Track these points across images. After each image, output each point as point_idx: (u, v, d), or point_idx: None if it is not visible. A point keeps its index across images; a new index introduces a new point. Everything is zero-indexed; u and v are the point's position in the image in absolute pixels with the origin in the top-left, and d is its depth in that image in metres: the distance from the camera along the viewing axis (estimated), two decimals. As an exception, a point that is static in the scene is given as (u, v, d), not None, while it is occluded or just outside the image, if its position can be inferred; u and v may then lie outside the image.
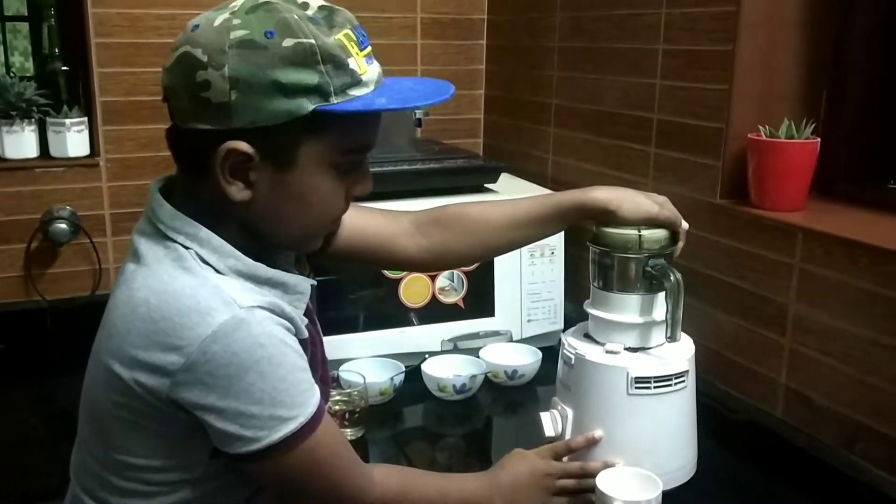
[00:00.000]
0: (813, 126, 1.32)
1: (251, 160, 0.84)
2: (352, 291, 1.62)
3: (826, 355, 1.24)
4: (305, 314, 0.94)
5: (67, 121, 1.76)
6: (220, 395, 0.82)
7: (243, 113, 0.81)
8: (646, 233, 1.17)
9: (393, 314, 1.62)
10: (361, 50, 0.85)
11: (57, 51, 1.82)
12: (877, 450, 1.17)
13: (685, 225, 1.20)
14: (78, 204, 1.77)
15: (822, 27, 1.38)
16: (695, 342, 1.25)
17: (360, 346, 1.59)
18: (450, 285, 1.66)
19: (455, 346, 1.66)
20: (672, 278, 1.15)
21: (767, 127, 1.33)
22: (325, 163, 0.86)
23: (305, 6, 0.84)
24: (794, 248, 1.28)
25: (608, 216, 1.16)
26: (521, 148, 2.00)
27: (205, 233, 0.87)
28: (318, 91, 0.82)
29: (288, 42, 0.80)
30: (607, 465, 1.15)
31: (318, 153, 0.85)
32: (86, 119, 1.79)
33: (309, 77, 0.81)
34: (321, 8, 0.85)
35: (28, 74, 1.91)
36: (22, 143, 1.75)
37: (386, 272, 1.60)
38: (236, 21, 0.81)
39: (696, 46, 1.43)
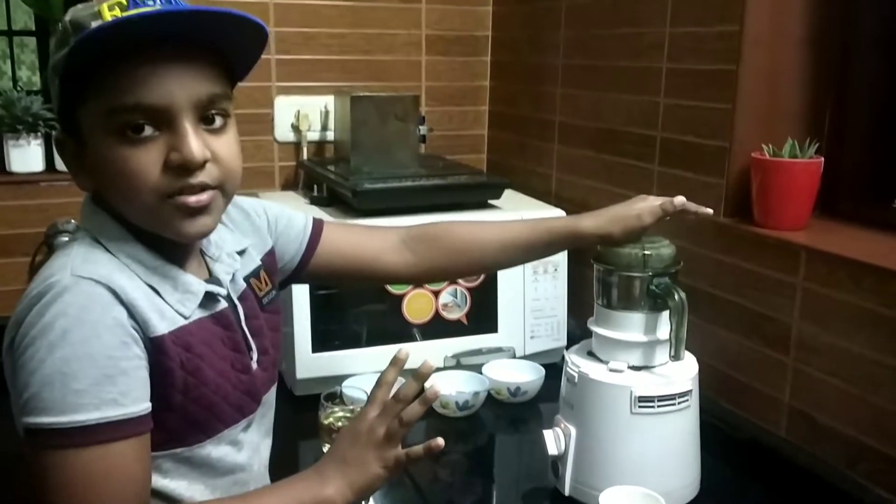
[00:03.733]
0: (816, 146, 1.33)
1: (71, 147, 0.87)
2: (355, 307, 1.62)
3: (829, 375, 1.24)
4: (224, 323, 0.93)
5: (73, 135, 1.77)
6: (21, 353, 0.79)
7: (53, 104, 0.86)
8: (650, 251, 1.18)
9: (396, 330, 1.62)
10: (125, 10, 0.80)
11: (64, 65, 1.83)
12: (880, 470, 1.17)
13: (678, 200, 1.17)
14: (83, 218, 1.78)
15: (825, 46, 1.39)
16: (698, 361, 1.25)
17: (362, 361, 1.59)
18: (453, 301, 1.66)
19: (458, 363, 1.66)
20: (676, 297, 1.15)
21: (771, 146, 1.33)
22: (100, 130, 0.82)
23: None
24: (798, 267, 1.28)
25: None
26: (525, 164, 2.01)
27: (104, 217, 0.88)
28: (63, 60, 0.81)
29: (58, 29, 0.84)
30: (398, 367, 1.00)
31: (90, 122, 0.83)
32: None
33: (65, 51, 0.80)
34: None
35: (35, 88, 1.92)
36: (28, 156, 1.76)
37: (389, 288, 1.61)
38: None
39: (699, 65, 1.43)
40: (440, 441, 0.92)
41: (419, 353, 1.62)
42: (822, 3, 1.36)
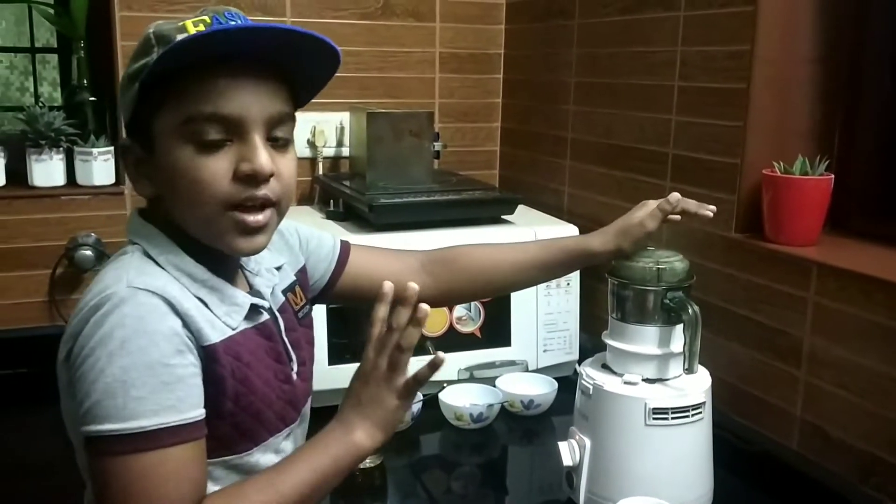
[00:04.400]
0: (826, 162, 1.34)
1: (137, 153, 0.89)
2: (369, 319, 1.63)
3: (841, 388, 1.25)
4: (266, 335, 0.95)
5: (94, 150, 1.80)
6: (80, 363, 0.81)
7: (123, 111, 0.90)
8: (664, 265, 1.20)
9: (410, 343, 1.64)
10: (209, 27, 0.84)
11: (85, 82, 1.87)
12: (892, 483, 1.18)
13: (674, 196, 1.21)
14: (103, 231, 1.81)
15: (835, 65, 1.41)
16: (711, 374, 1.26)
17: (378, 374, 1.60)
18: (467, 315, 1.68)
19: (471, 375, 1.67)
20: (690, 311, 1.17)
21: (782, 163, 1.35)
22: (174, 137, 0.85)
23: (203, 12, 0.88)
24: (809, 282, 1.29)
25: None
26: (537, 180, 2.03)
27: (153, 231, 0.90)
28: (147, 68, 0.83)
29: (139, 40, 0.88)
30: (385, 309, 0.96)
31: (164, 129, 0.85)
32: (112, 148, 1.83)
33: (146, 60, 0.85)
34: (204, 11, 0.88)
35: (56, 104, 1.96)
36: (50, 171, 1.79)
37: (404, 301, 1.62)
38: None
39: (711, 83, 1.46)
40: (442, 355, 0.93)
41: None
42: (831, 22, 1.39)
